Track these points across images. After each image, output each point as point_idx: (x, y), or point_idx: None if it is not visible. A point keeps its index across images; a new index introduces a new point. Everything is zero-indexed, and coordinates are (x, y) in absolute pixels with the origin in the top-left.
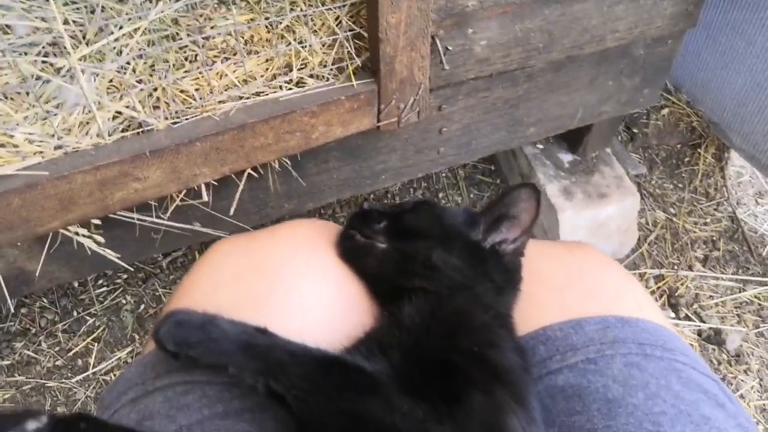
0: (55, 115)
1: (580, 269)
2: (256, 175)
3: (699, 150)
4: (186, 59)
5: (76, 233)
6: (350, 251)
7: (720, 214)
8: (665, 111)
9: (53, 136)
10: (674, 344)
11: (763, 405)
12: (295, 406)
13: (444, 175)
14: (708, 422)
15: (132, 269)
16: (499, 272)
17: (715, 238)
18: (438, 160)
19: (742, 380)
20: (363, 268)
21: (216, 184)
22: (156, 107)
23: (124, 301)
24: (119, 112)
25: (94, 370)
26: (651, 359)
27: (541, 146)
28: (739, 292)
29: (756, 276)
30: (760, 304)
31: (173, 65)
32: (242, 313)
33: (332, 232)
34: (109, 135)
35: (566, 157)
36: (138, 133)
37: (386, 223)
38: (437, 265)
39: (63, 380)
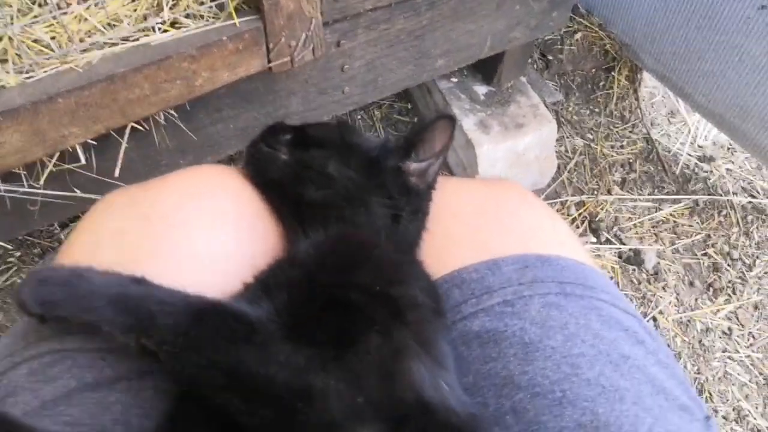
0: None
1: (498, 205)
2: (141, 129)
3: (613, 73)
4: (34, 3)
5: None
6: (253, 160)
7: (635, 136)
8: (578, 35)
9: None
10: (596, 281)
11: (680, 318)
12: (168, 365)
13: (359, 117)
14: (627, 361)
15: (28, 240)
16: (398, 189)
17: (631, 161)
18: (344, 101)
19: (661, 297)
20: (264, 177)
21: (95, 143)
22: (4, 60)
23: (19, 281)
24: None
25: None
26: (571, 298)
27: (455, 80)
28: (656, 211)
29: (670, 194)
30: (675, 222)
31: (19, 10)
32: (125, 271)
33: (232, 175)
34: None
35: (481, 89)
36: None
37: (292, 135)
38: (332, 175)
39: None
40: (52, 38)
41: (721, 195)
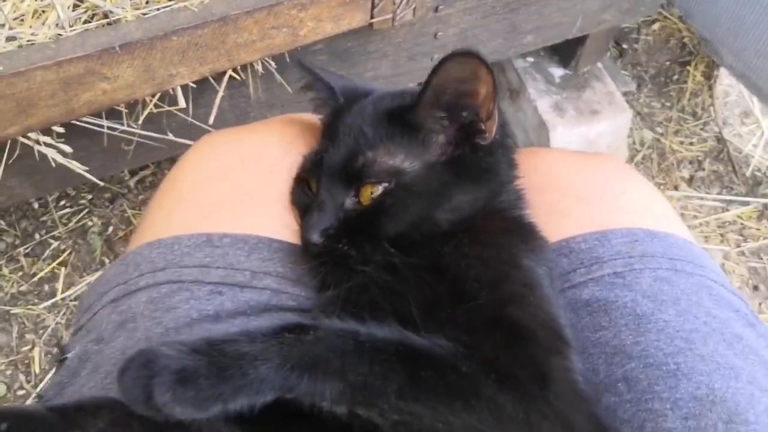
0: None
1: (605, 180)
2: (238, 78)
3: (688, 68)
4: None
5: (37, 141)
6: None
7: (706, 134)
8: (656, 26)
9: (3, 25)
10: (704, 261)
11: None
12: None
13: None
14: (740, 341)
15: (99, 186)
16: (486, 173)
17: (700, 158)
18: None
19: None
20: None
21: (194, 86)
22: None
23: (90, 223)
24: (80, 0)
25: (63, 295)
26: (681, 275)
27: (531, 59)
28: (723, 212)
29: (739, 196)
30: (742, 224)
31: None
32: (229, 211)
33: None
34: (71, 26)
35: (557, 72)
36: (104, 25)
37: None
38: (442, 225)
39: (29, 306)
40: None
41: None
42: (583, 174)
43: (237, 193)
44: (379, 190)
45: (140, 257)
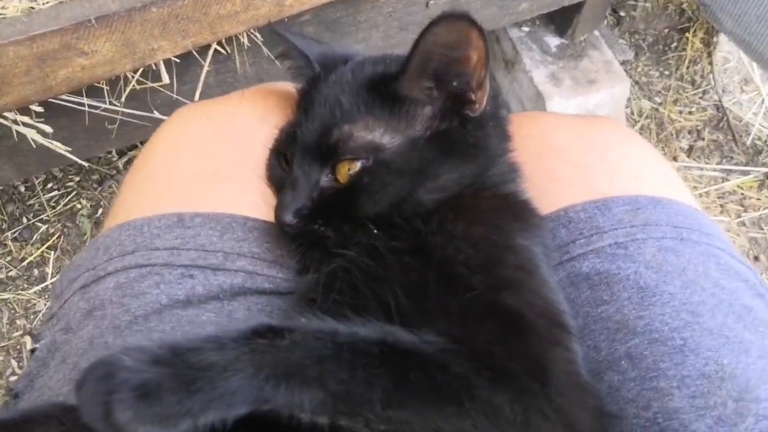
0: None
1: (604, 143)
2: (223, 52)
3: (687, 35)
4: None
5: (15, 121)
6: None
7: (705, 103)
8: None
9: None
10: (710, 228)
11: None
12: None
13: None
14: (750, 313)
15: (87, 168)
16: (481, 148)
17: (699, 128)
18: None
19: None
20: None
21: (178, 61)
22: None
23: (79, 206)
24: None
25: (53, 279)
26: (687, 244)
27: (527, 29)
28: (723, 182)
29: (739, 165)
30: (742, 194)
31: None
32: (202, 188)
33: None
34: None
35: (553, 41)
36: None
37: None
38: (426, 204)
39: (19, 291)
40: None
41: None
42: (581, 138)
43: (210, 168)
44: (356, 167)
45: (110, 240)
